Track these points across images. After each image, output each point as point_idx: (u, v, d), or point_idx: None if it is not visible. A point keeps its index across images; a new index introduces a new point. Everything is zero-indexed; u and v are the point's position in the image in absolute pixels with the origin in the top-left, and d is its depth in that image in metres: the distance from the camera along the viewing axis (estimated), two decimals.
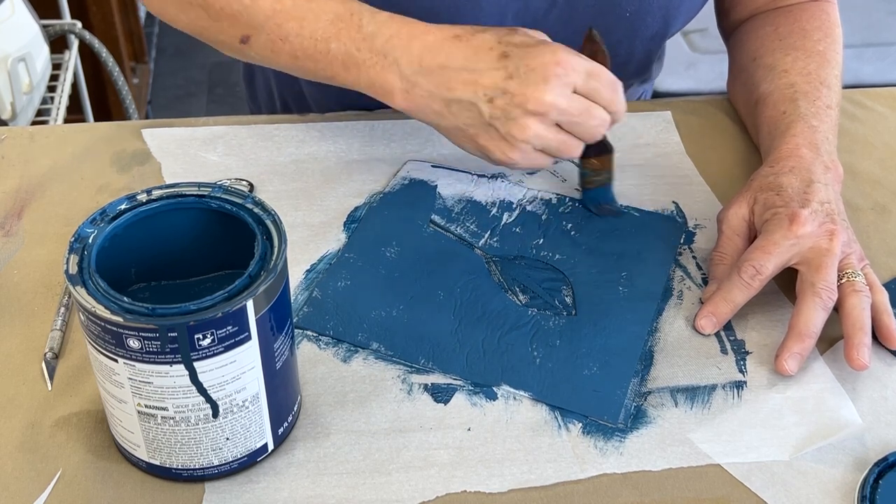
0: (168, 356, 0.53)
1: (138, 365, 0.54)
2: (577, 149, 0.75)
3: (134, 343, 0.53)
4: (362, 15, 0.76)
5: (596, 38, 0.77)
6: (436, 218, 0.81)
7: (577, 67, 0.72)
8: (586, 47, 0.77)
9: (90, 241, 0.57)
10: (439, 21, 0.85)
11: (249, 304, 0.54)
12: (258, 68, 1.08)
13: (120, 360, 0.54)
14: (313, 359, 0.69)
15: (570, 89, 0.72)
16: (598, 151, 0.80)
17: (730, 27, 0.99)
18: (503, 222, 0.81)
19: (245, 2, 0.78)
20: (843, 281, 0.70)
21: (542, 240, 0.79)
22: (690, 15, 0.94)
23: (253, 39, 0.79)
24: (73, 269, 0.55)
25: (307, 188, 0.83)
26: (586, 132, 0.74)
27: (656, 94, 1.16)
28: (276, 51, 0.79)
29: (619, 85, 0.75)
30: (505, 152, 0.74)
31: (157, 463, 0.60)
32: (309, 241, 0.78)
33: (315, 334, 0.70)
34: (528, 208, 0.82)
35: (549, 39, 0.75)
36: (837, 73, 0.86)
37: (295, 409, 0.64)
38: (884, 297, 0.72)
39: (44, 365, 0.68)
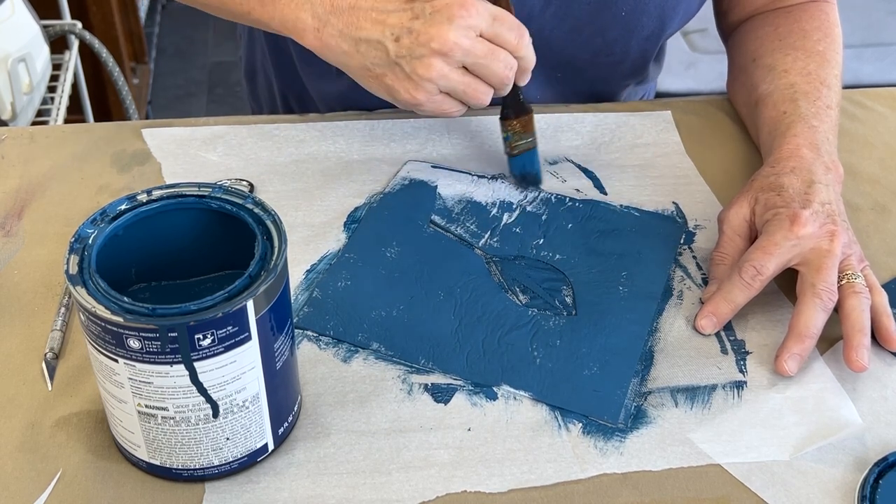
0: (168, 356, 0.54)
1: (138, 365, 0.54)
2: (484, 94, 0.76)
3: (134, 343, 0.53)
4: None
5: None
6: (436, 218, 0.81)
7: (480, 11, 0.73)
8: None
9: (90, 241, 0.57)
10: None
11: (249, 305, 0.54)
12: (259, 65, 1.08)
13: (120, 360, 0.54)
14: (313, 359, 0.69)
15: (474, 32, 0.73)
16: (517, 112, 0.81)
17: (729, 28, 0.99)
18: (503, 222, 0.81)
19: None
20: (843, 282, 0.70)
21: (542, 240, 0.79)
22: (687, 16, 0.94)
23: None
24: (74, 269, 0.55)
25: (307, 188, 0.83)
26: (493, 76, 0.75)
27: (656, 94, 1.16)
28: None
29: (524, 30, 0.75)
30: (410, 92, 0.75)
31: (158, 463, 0.60)
32: (309, 241, 0.78)
33: (315, 334, 0.70)
34: (529, 208, 0.82)
35: None
36: (837, 73, 0.87)
37: (295, 409, 0.64)
38: (883, 298, 0.72)
39: (44, 365, 0.68)
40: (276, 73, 1.04)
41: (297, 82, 1.02)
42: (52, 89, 1.78)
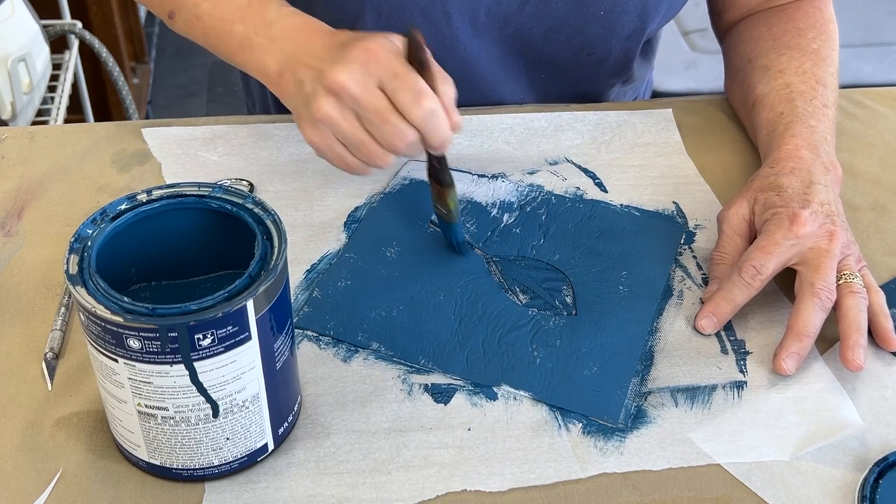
0: (168, 356, 0.54)
1: (138, 365, 0.54)
2: (378, 156, 0.70)
3: (134, 343, 0.53)
4: (271, 3, 0.78)
5: (414, 42, 0.69)
6: (436, 218, 0.81)
7: (383, 60, 0.68)
8: (408, 50, 0.70)
9: (90, 241, 0.57)
10: (408, 12, 0.85)
11: (249, 304, 0.54)
12: None
13: (120, 360, 0.54)
14: (313, 359, 0.69)
15: (372, 81, 0.68)
16: (437, 179, 0.75)
17: (724, 28, 0.99)
18: (503, 223, 0.81)
19: None
20: (841, 282, 0.70)
21: (542, 240, 0.79)
22: (670, 15, 0.93)
23: (177, 16, 0.82)
24: (74, 269, 0.55)
25: (307, 188, 0.83)
26: (383, 137, 0.69)
27: (655, 94, 1.16)
28: (192, 27, 0.82)
29: (425, 97, 0.68)
30: (307, 132, 0.72)
31: (158, 463, 0.60)
32: (309, 241, 0.78)
33: (315, 334, 0.70)
34: (529, 209, 0.82)
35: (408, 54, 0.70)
36: (833, 70, 0.86)
37: (295, 408, 0.64)
38: (881, 298, 0.72)
39: (44, 365, 0.68)
40: None
41: None
42: (52, 89, 1.78)
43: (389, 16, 0.86)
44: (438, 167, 0.75)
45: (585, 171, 0.86)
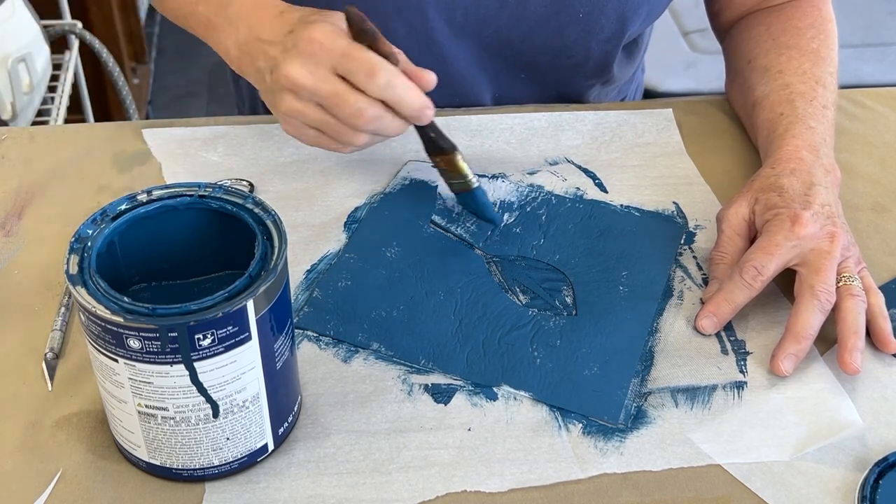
0: (168, 356, 0.54)
1: (138, 365, 0.54)
2: (349, 135, 0.73)
3: (134, 343, 0.53)
4: None
5: (354, 19, 0.71)
6: (436, 218, 0.81)
7: (328, 46, 0.70)
8: (350, 29, 0.72)
9: (90, 241, 0.57)
10: (384, 12, 0.85)
11: (249, 305, 0.54)
12: None
13: (120, 360, 0.54)
14: (313, 359, 0.69)
15: (324, 69, 0.70)
16: (436, 148, 0.77)
17: (723, 28, 0.99)
18: (503, 223, 0.81)
19: None
20: (840, 284, 0.70)
21: (542, 240, 0.79)
22: (651, 18, 0.93)
23: None
24: (74, 269, 0.55)
25: (307, 188, 0.83)
26: (345, 117, 0.71)
27: (655, 94, 1.16)
28: (165, 8, 0.86)
29: (379, 69, 0.70)
30: (282, 124, 0.76)
31: (158, 463, 0.60)
32: (309, 241, 0.78)
33: (315, 334, 0.70)
34: (529, 209, 0.82)
35: (349, 22, 0.72)
36: (832, 70, 0.86)
37: (295, 409, 0.64)
38: (879, 300, 0.72)
39: (44, 365, 0.68)
40: None
41: None
42: (52, 89, 1.78)
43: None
44: (433, 135, 0.75)
45: (585, 171, 0.86)
